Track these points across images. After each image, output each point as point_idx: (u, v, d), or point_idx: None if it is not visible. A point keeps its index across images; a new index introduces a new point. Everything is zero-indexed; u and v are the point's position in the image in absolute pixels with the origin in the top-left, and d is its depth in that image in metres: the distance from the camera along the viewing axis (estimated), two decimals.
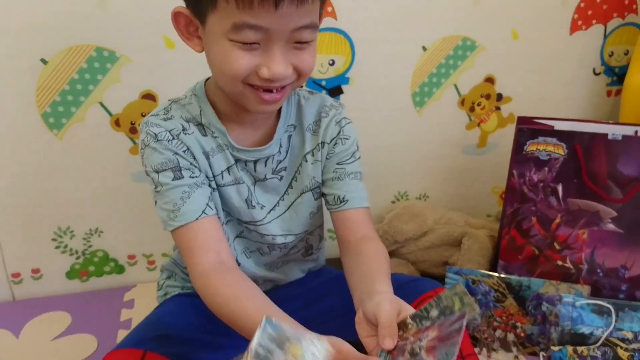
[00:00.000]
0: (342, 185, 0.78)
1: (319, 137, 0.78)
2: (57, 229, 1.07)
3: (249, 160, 0.76)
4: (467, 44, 1.15)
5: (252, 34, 0.61)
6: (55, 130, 0.99)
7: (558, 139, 0.91)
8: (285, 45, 0.64)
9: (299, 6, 0.61)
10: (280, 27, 0.61)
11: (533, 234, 0.98)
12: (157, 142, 0.71)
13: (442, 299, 0.56)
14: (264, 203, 0.79)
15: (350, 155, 0.80)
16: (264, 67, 0.63)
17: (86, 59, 0.96)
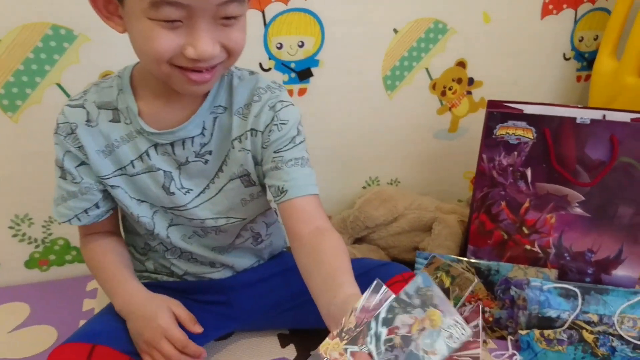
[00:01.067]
0: (281, 175, 0.71)
1: (247, 122, 0.72)
2: (14, 217, 1.02)
3: (165, 143, 0.72)
4: (439, 26, 1.14)
5: (173, 11, 0.57)
6: (10, 112, 0.94)
7: (527, 123, 0.91)
8: (211, 22, 0.60)
9: None
10: (202, 2, 0.57)
11: (502, 218, 0.98)
12: (56, 135, 0.72)
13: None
14: (190, 187, 0.75)
15: (289, 140, 0.72)
16: (190, 47, 0.59)
17: (42, 37, 0.91)
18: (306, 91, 1.09)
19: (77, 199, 0.74)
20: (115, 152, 0.72)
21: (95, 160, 0.72)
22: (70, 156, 0.72)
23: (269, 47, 1.04)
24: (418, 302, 0.48)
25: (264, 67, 1.05)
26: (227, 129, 0.73)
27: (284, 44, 1.04)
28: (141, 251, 0.86)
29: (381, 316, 0.49)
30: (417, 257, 0.98)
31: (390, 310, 0.49)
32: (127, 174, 0.74)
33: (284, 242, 0.93)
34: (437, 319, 0.47)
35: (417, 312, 0.47)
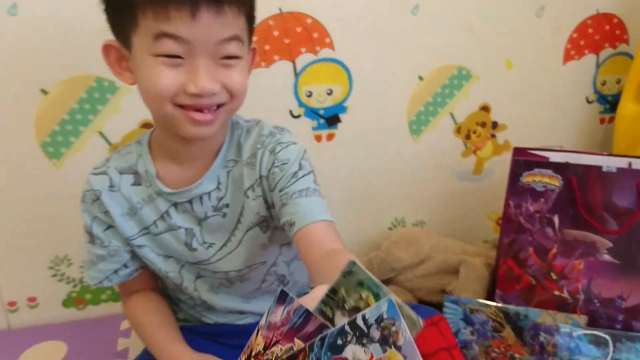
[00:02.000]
0: (289, 209, 0.70)
1: (256, 171, 0.74)
2: (54, 257, 1.06)
3: (184, 202, 0.75)
4: (463, 73, 1.17)
5: (173, 45, 0.61)
6: (55, 159, 1.00)
7: (553, 171, 0.92)
8: (211, 61, 0.63)
9: (218, 14, 0.60)
10: (201, 38, 0.61)
11: (530, 264, 0.98)
12: (82, 203, 0.77)
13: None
14: (212, 241, 0.78)
15: (291, 176, 0.72)
16: (191, 83, 0.62)
17: (86, 89, 0.96)
18: (334, 136, 1.13)
19: (106, 262, 0.78)
20: (139, 214, 0.76)
21: (121, 223, 0.76)
22: (98, 221, 0.76)
23: (299, 95, 1.08)
24: (377, 335, 0.39)
25: (294, 114, 1.09)
26: (240, 180, 0.75)
27: (313, 92, 1.08)
28: (174, 301, 0.89)
29: (327, 340, 0.40)
30: (445, 301, 0.99)
31: (342, 335, 0.40)
32: (151, 233, 0.77)
33: (309, 280, 0.95)
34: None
35: (375, 348, 0.39)
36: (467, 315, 0.97)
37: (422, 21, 1.09)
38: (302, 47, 1.04)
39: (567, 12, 1.19)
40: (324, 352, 0.40)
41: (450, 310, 0.98)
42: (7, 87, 0.93)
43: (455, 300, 0.98)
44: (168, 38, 0.60)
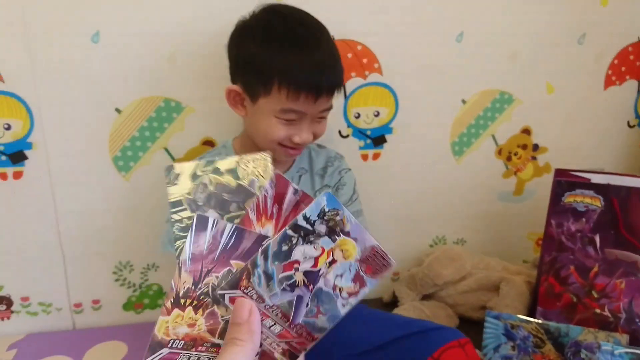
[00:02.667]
0: None
1: (324, 180, 1.01)
2: (118, 263, 1.15)
3: None
4: (505, 97, 1.22)
5: (294, 115, 0.87)
6: (123, 172, 1.09)
7: (595, 192, 0.96)
8: (311, 120, 0.89)
9: (329, 97, 0.88)
10: (313, 111, 0.88)
11: (571, 282, 1.01)
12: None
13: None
14: None
15: (349, 199, 1.02)
16: (296, 136, 0.89)
17: (155, 108, 1.06)
18: (380, 155, 1.19)
19: None
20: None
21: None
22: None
23: (348, 116, 1.14)
24: (323, 229, 0.39)
25: (343, 134, 1.16)
26: (309, 184, 1.00)
27: (361, 114, 1.15)
28: None
29: (271, 250, 0.39)
30: (487, 316, 1.02)
31: (285, 240, 0.39)
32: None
33: None
34: (350, 248, 0.39)
35: (324, 241, 0.39)
36: (508, 330, 1.00)
37: (466, 48, 1.15)
38: (352, 71, 1.11)
39: (608, 39, 1.23)
40: (270, 262, 0.39)
41: (491, 326, 1.01)
42: (86, 107, 1.03)
43: (497, 316, 1.01)
44: (293, 112, 0.87)
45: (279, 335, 0.40)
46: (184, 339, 0.40)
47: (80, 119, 1.03)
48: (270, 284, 0.39)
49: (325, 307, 0.40)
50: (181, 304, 0.40)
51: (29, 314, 1.15)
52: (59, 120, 1.03)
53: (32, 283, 1.13)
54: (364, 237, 0.39)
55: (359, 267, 0.40)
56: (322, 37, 0.89)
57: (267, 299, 0.39)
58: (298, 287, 0.39)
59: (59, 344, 1.11)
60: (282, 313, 0.40)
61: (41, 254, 1.11)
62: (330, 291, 0.39)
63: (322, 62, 0.86)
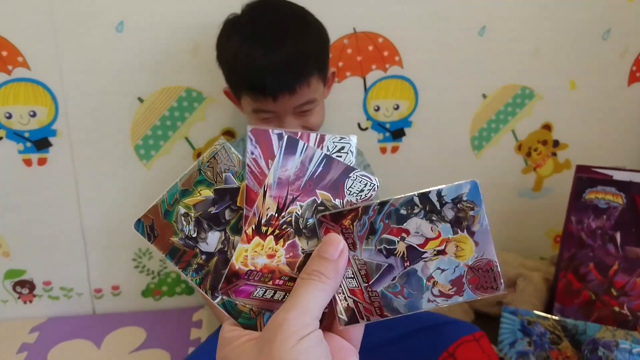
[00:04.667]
0: None
1: None
2: (137, 250, 1.17)
3: None
4: (526, 92, 1.21)
5: (266, 114, 0.88)
6: (145, 160, 1.10)
7: (617, 189, 0.95)
8: (293, 114, 0.88)
9: (292, 95, 0.84)
10: (283, 109, 0.86)
11: (590, 279, 1.00)
12: None
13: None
14: None
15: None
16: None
17: (177, 98, 1.07)
18: (398, 149, 1.19)
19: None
20: None
21: None
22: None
23: (368, 109, 1.15)
24: (451, 215, 0.36)
25: (362, 127, 1.16)
26: None
27: (381, 107, 1.15)
28: None
29: (389, 206, 0.36)
30: (503, 312, 1.02)
31: (407, 205, 0.36)
32: None
33: None
34: (467, 249, 0.36)
35: (444, 227, 0.35)
36: (524, 326, 1.00)
37: (488, 42, 1.14)
38: (372, 64, 1.11)
39: (633, 35, 1.21)
40: (381, 218, 0.36)
41: (507, 321, 1.01)
42: (110, 95, 1.04)
43: (514, 312, 1.01)
44: (262, 112, 0.87)
45: (351, 290, 0.36)
46: (262, 270, 0.37)
47: (104, 108, 1.05)
48: (370, 237, 0.36)
49: (410, 292, 0.36)
50: (262, 232, 0.36)
51: (50, 298, 1.17)
52: (82, 108, 1.04)
53: (54, 268, 1.15)
54: (486, 246, 0.36)
55: (465, 273, 0.36)
56: (287, 35, 0.86)
57: (359, 249, 0.36)
58: (395, 256, 0.36)
59: (79, 328, 1.13)
60: (366, 272, 0.36)
61: (63, 239, 1.13)
62: (424, 280, 0.36)
63: (275, 64, 0.83)
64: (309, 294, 0.34)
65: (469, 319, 1.15)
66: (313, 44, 0.89)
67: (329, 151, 0.37)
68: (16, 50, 0.99)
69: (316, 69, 0.88)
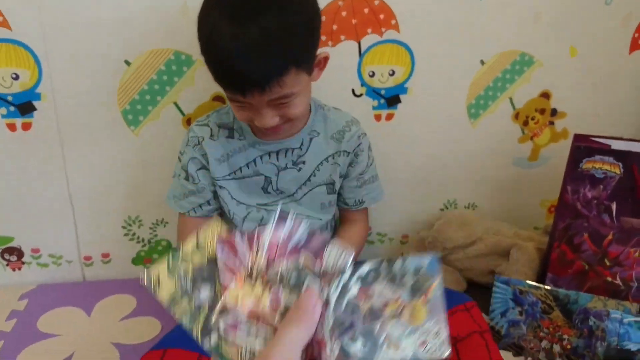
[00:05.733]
0: (361, 191, 1.02)
1: (341, 145, 0.96)
2: (127, 218, 1.15)
3: (272, 152, 0.93)
4: (525, 59, 1.17)
5: (239, 103, 0.80)
6: (133, 126, 1.07)
7: (615, 158, 0.93)
8: (269, 105, 0.79)
9: (263, 92, 0.75)
10: (256, 102, 0.78)
11: (584, 249, 1.00)
12: (186, 146, 0.94)
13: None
14: (283, 190, 0.97)
15: (367, 165, 1.01)
16: (256, 121, 0.82)
17: (165, 61, 1.03)
18: (393, 116, 1.16)
19: (194, 196, 0.96)
20: (230, 160, 0.94)
21: (214, 165, 0.93)
22: (195, 161, 0.94)
23: (362, 74, 1.11)
24: (410, 283, 0.40)
25: (356, 93, 1.13)
26: (322, 147, 0.96)
27: (376, 72, 1.11)
28: None
29: (362, 269, 0.41)
30: (496, 281, 1.01)
31: (375, 270, 0.41)
32: (236, 177, 0.95)
33: None
34: (420, 316, 0.40)
35: (403, 293, 0.40)
36: (516, 295, 0.99)
37: (487, 6, 1.10)
38: (368, 27, 1.07)
39: (636, 1, 1.17)
40: (355, 280, 0.41)
41: (500, 290, 1.01)
42: (95, 58, 1.00)
43: (506, 281, 1.01)
44: (235, 101, 0.81)
45: (317, 340, 0.42)
46: (249, 313, 0.43)
47: (89, 71, 1.01)
48: (341, 296, 0.41)
49: (368, 347, 0.40)
50: (252, 279, 0.44)
51: (39, 266, 1.16)
52: (67, 70, 1.01)
53: (42, 235, 1.14)
54: (437, 315, 0.40)
55: (417, 335, 0.40)
56: (264, 10, 0.72)
57: (330, 305, 0.41)
58: (357, 313, 0.40)
59: (69, 295, 1.12)
60: (332, 325, 0.41)
61: (50, 206, 1.11)
62: (380, 339, 0.40)
63: (243, 55, 0.72)
64: (290, 335, 0.40)
65: (461, 289, 1.15)
66: (292, 29, 0.74)
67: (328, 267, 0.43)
68: None
69: (294, 63, 0.76)
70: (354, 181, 1.01)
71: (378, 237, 1.29)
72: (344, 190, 1.02)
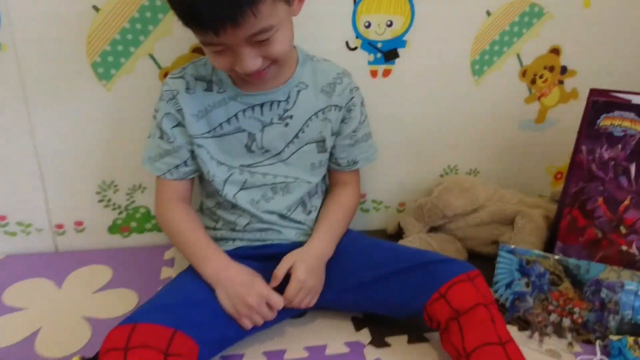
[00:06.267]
0: (354, 150, 0.94)
1: (332, 99, 0.89)
2: (101, 183, 1.06)
3: (256, 105, 0.85)
4: (535, 10, 1.08)
5: (215, 47, 0.72)
6: (104, 80, 0.97)
7: (636, 114, 0.84)
8: (249, 44, 0.71)
9: (237, 26, 0.67)
10: (232, 40, 0.70)
11: (597, 215, 0.92)
12: (160, 101, 0.85)
13: None
14: (269, 148, 0.88)
15: (360, 121, 0.93)
16: (237, 66, 0.74)
17: (138, 7, 0.93)
18: (391, 72, 1.07)
19: (170, 156, 0.87)
20: (208, 115, 0.85)
21: (190, 121, 0.84)
22: (170, 117, 0.84)
23: (357, 25, 1.01)
24: None
25: (351, 46, 1.03)
26: (310, 101, 0.88)
27: (372, 23, 1.02)
28: (214, 217, 0.94)
29: None
30: (500, 251, 0.93)
31: None
32: (216, 135, 0.86)
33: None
34: None
35: None
36: (522, 266, 0.92)
37: None
38: None
39: None
40: None
41: (504, 260, 0.93)
42: (60, 2, 0.90)
43: (511, 250, 0.93)
44: (209, 44, 0.72)
45: None
46: None
47: (53, 17, 0.91)
48: None
49: None
50: None
51: (7, 234, 1.07)
52: (29, 17, 0.90)
53: (9, 201, 1.05)
54: None
55: None
56: None
57: None
58: None
59: (39, 266, 1.04)
60: None
61: (16, 169, 1.02)
62: None
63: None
64: None
65: (461, 259, 1.08)
66: None
67: None
68: None
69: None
70: (346, 139, 0.93)
71: (373, 204, 1.21)
72: (335, 150, 0.94)
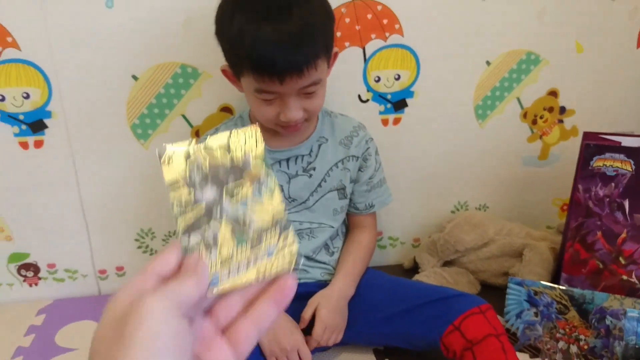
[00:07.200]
0: (371, 195, 1.04)
1: (349, 150, 0.99)
2: (139, 230, 1.16)
3: (283, 159, 0.96)
4: (531, 57, 1.17)
5: (269, 95, 0.84)
6: (142, 140, 1.08)
7: (626, 155, 0.92)
8: (296, 96, 0.84)
9: (299, 77, 0.80)
10: (288, 90, 0.82)
11: (598, 248, 0.99)
12: None
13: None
14: (295, 197, 0.98)
15: (375, 169, 1.03)
16: (282, 114, 0.85)
17: (172, 75, 1.04)
18: (401, 120, 1.16)
19: None
20: None
21: None
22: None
23: (368, 80, 1.11)
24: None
25: (362, 99, 1.13)
26: (330, 153, 0.98)
27: (381, 77, 1.12)
28: None
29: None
30: (509, 283, 1.01)
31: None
32: None
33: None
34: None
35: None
36: (531, 296, 0.99)
37: (490, 5, 1.10)
38: (372, 33, 1.07)
39: None
40: None
41: (514, 292, 1.00)
42: (103, 74, 1.02)
43: (520, 282, 1.00)
44: (266, 92, 0.83)
45: None
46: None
47: (97, 87, 1.03)
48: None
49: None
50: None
51: (55, 280, 1.18)
52: (76, 88, 1.02)
53: (57, 250, 1.15)
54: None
55: None
56: (293, 11, 0.80)
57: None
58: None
59: (85, 309, 1.13)
60: None
61: (64, 221, 1.12)
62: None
63: (284, 43, 0.78)
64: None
65: (474, 291, 1.15)
66: (320, 20, 0.84)
67: None
68: (5, 30, 0.96)
69: (323, 47, 0.84)
70: (363, 185, 1.03)
71: (390, 241, 1.29)
72: (354, 195, 1.04)
